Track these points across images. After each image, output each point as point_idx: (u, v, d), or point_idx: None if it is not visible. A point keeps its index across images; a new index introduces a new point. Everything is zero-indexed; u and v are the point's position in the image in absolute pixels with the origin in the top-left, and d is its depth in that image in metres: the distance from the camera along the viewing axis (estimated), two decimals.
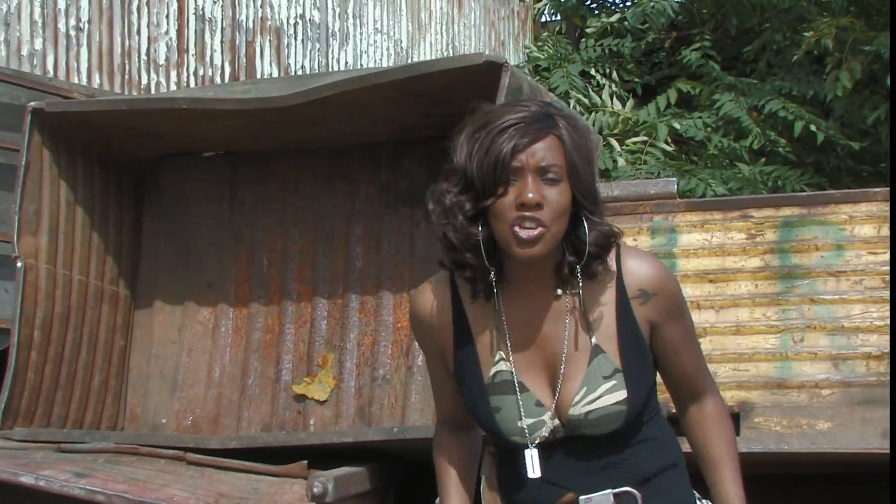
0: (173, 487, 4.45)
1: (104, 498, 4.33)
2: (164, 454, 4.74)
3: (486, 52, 11.87)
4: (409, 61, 10.88)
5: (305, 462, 4.59)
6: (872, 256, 4.72)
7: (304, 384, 5.48)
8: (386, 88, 4.85)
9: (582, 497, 2.65)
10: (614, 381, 2.62)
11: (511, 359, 2.65)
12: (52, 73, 7.28)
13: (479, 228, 2.55)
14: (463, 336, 2.71)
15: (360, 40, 10.46)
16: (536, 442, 2.65)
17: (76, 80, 7.41)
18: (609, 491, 2.65)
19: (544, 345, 2.65)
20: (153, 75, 8.01)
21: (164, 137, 5.59)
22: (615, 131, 10.89)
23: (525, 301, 2.65)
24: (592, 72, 11.57)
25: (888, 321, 4.61)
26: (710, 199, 5.65)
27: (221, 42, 8.63)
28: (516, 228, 2.50)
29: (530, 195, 2.49)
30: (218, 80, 8.49)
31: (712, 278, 4.86)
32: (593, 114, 10.99)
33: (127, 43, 7.84)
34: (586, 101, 11.06)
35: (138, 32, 7.95)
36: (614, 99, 11.23)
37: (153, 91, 7.94)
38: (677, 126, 10.59)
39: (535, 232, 2.50)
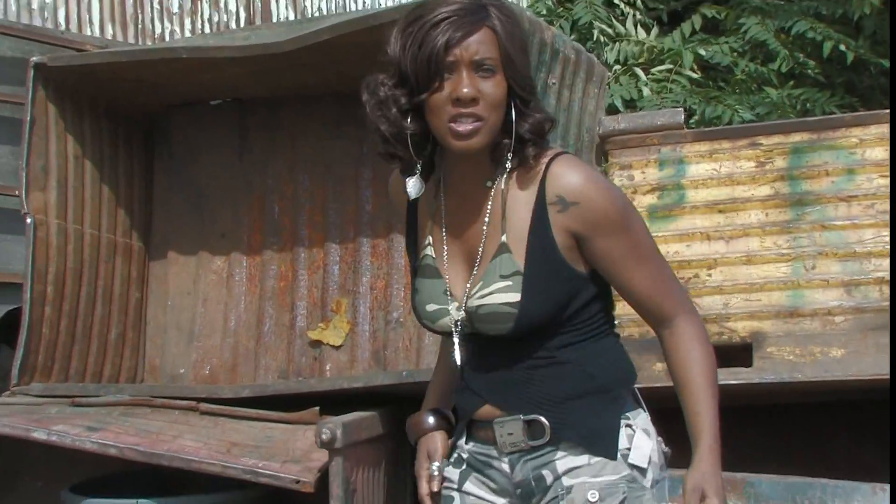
0: (186, 438, 4.47)
1: (116, 451, 4.36)
2: (177, 405, 4.75)
3: None
4: None
5: (317, 409, 4.59)
6: (884, 179, 4.65)
7: (319, 330, 5.46)
8: (386, 30, 4.78)
9: (496, 420, 2.68)
10: (510, 283, 2.61)
11: (435, 245, 2.72)
12: (63, 26, 7.27)
13: (409, 122, 2.59)
14: (412, 219, 2.81)
15: None
16: (441, 329, 2.72)
17: (88, 32, 7.40)
18: (519, 416, 2.67)
19: (467, 237, 2.70)
20: (167, 24, 7.99)
21: (170, 87, 5.55)
22: (640, 60, 10.75)
23: (459, 193, 2.70)
24: (616, 0, 11.41)
25: None
26: (718, 129, 5.58)
27: None
28: (452, 124, 2.54)
29: (465, 90, 2.53)
30: (233, 25, 8.45)
31: (722, 208, 4.80)
32: (618, 44, 10.85)
33: None
34: (610, 31, 10.92)
35: None
36: (639, 27, 11.08)
37: (168, 40, 7.91)
38: (703, 52, 10.46)
39: (471, 126, 2.54)
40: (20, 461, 5.12)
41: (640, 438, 2.70)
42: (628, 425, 2.70)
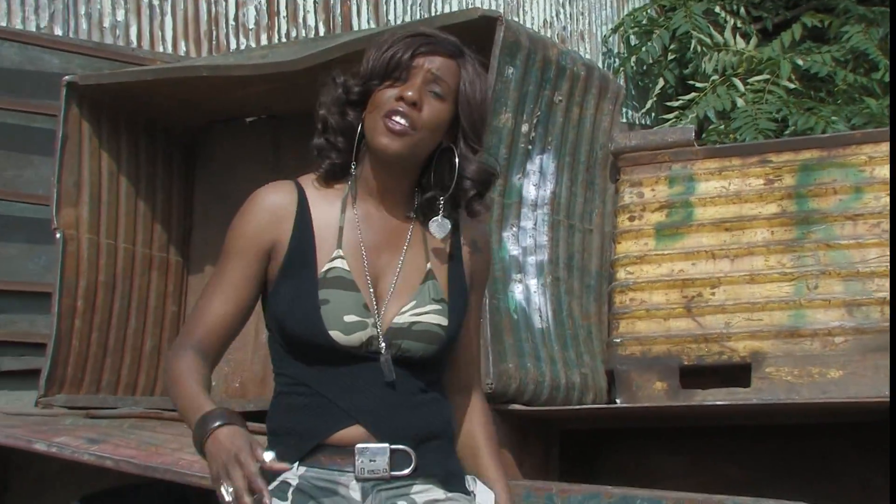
0: (185, 452, 4.51)
1: (112, 463, 4.41)
2: None
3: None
4: (520, 11, 10.73)
5: None
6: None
7: None
8: None
9: (358, 446, 2.59)
10: (440, 307, 2.66)
11: (349, 259, 2.65)
12: (135, 43, 7.42)
13: (350, 110, 2.63)
14: (303, 229, 2.67)
15: None
16: (348, 343, 2.60)
17: (161, 49, 7.54)
18: (387, 445, 2.60)
19: (382, 256, 2.68)
20: (242, 39, 8.08)
21: (204, 104, 5.65)
22: (739, 71, 10.61)
23: (376, 211, 2.70)
24: (717, 9, 11.26)
25: None
26: (729, 146, 5.54)
27: (314, 2, 8.64)
28: (386, 119, 2.56)
29: (410, 93, 2.57)
30: None
31: (728, 226, 4.74)
32: (716, 54, 10.71)
33: (214, 9, 7.92)
34: (708, 40, 10.78)
35: None
36: (738, 37, 10.92)
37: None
38: (800, 62, 10.28)
39: (401, 126, 2.56)
40: (49, 471, 5.24)
41: (482, 486, 2.76)
42: (467, 473, 2.77)
